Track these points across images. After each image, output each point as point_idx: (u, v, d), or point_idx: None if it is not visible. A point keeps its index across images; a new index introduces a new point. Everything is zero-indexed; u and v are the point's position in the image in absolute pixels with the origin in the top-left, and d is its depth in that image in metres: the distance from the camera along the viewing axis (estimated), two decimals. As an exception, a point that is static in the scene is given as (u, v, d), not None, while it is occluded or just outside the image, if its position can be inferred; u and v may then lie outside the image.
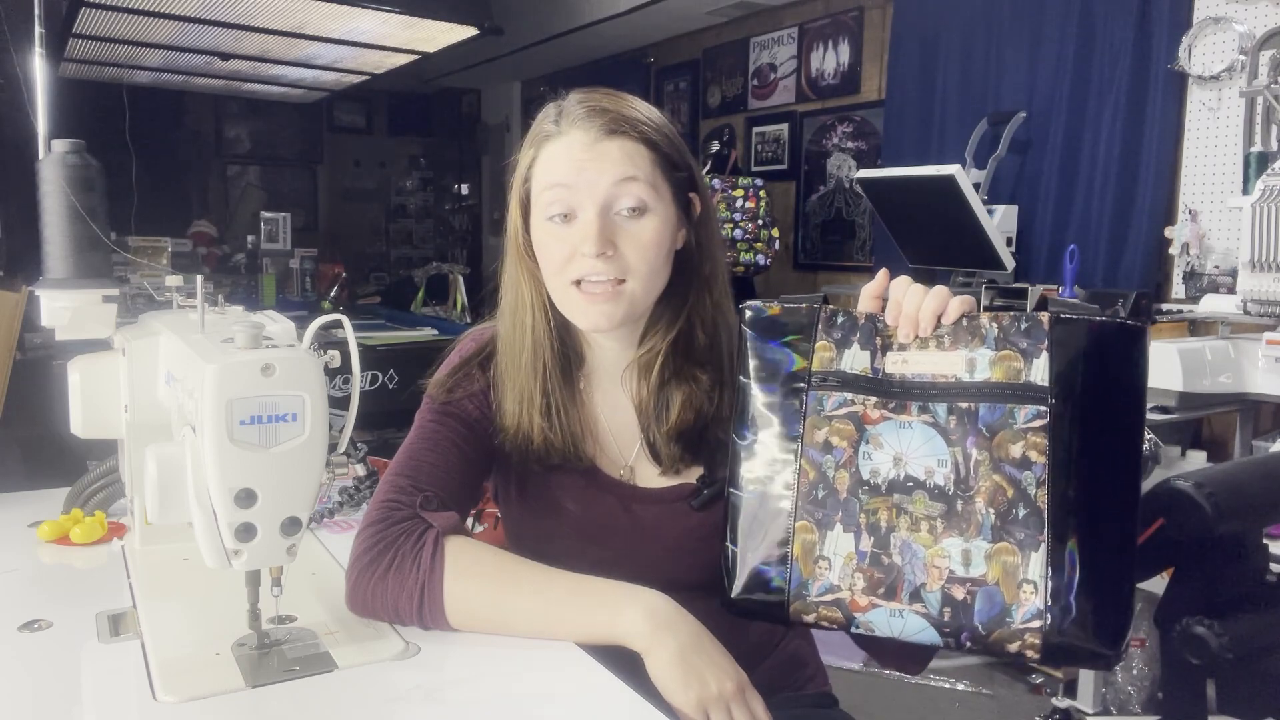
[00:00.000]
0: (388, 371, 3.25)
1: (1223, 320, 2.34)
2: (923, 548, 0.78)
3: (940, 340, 0.81)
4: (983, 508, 0.76)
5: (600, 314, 0.98)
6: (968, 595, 0.76)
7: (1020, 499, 0.75)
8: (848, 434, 0.82)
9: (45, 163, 1.11)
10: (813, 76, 4.09)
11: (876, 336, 0.84)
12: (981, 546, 0.76)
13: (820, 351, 0.85)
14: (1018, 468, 0.76)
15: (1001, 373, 0.78)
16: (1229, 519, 0.98)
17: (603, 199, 0.96)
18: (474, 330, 1.13)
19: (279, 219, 4.77)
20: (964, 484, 0.77)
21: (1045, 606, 0.74)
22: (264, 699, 0.80)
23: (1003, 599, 0.75)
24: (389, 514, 0.94)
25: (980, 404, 0.78)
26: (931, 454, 0.79)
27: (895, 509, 0.79)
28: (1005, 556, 0.75)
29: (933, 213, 2.98)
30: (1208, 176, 2.69)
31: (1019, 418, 0.77)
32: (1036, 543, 0.75)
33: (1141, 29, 2.80)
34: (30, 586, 1.06)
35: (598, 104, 0.99)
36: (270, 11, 3.24)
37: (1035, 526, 0.75)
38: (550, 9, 4.57)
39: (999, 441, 0.77)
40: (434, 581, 0.90)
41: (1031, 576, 0.74)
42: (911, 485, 0.79)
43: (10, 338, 2.38)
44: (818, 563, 0.82)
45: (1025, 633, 0.74)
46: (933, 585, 0.77)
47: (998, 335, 0.79)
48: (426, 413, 1.05)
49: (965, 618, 0.76)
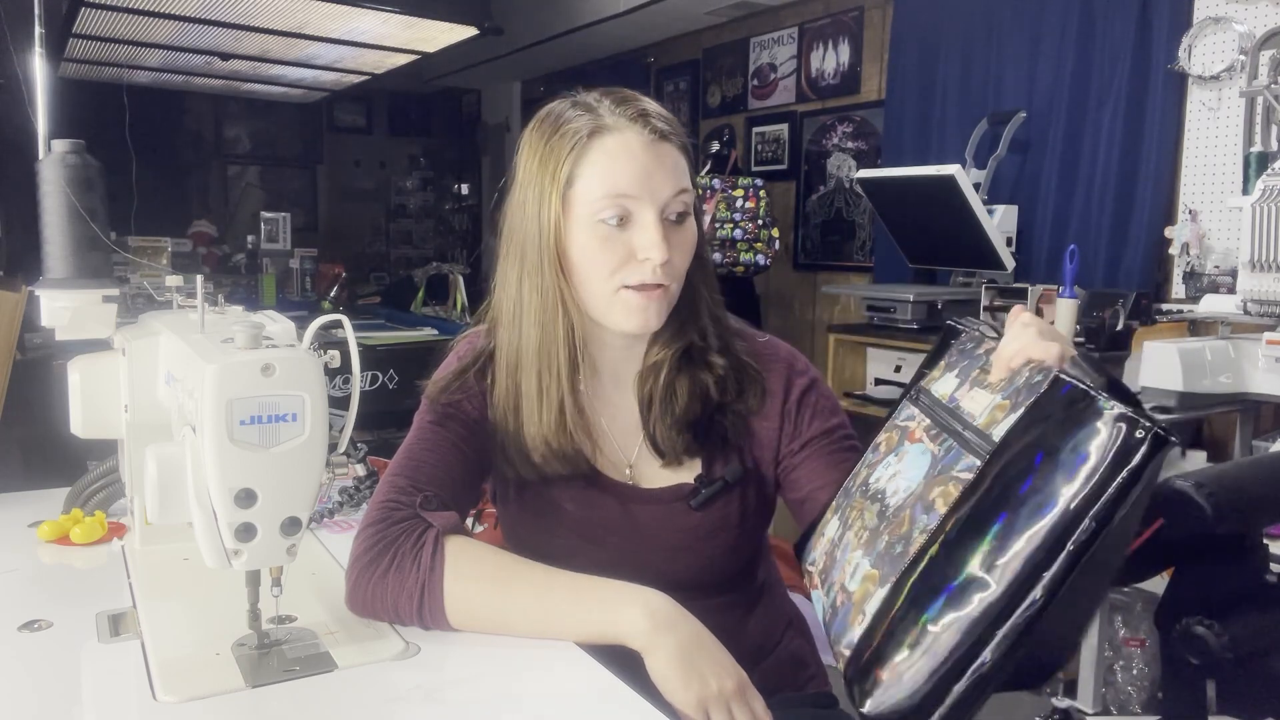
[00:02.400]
0: (388, 371, 3.25)
1: (1223, 320, 2.34)
2: (849, 550, 0.81)
3: (1003, 384, 0.76)
4: (886, 534, 0.75)
5: (654, 314, 0.98)
6: (841, 603, 0.78)
7: (905, 539, 0.72)
8: (892, 443, 0.86)
9: (45, 163, 1.11)
10: (813, 76, 4.09)
11: (978, 370, 0.81)
12: (864, 566, 0.76)
13: (935, 370, 0.88)
14: (923, 510, 0.72)
15: (986, 421, 0.73)
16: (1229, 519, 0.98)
17: (662, 206, 0.96)
18: (471, 332, 1.12)
19: (279, 219, 4.76)
20: (896, 512, 0.76)
21: (855, 641, 0.72)
22: (264, 699, 0.80)
23: (849, 618, 0.75)
24: (389, 514, 0.94)
25: (956, 446, 0.74)
26: (908, 480, 0.77)
27: (858, 512, 0.83)
28: (869, 584, 0.74)
29: (933, 213, 2.98)
30: (1208, 176, 2.69)
31: (958, 465, 0.72)
32: (888, 582, 0.71)
33: (1141, 29, 2.80)
34: (30, 586, 1.06)
35: (644, 108, 0.97)
36: (270, 11, 3.24)
37: (896, 567, 0.71)
38: (550, 9, 4.57)
39: (931, 483, 0.73)
40: (434, 581, 0.90)
41: (867, 609, 0.72)
42: (879, 498, 0.81)
43: (10, 338, 2.38)
44: (819, 536, 0.90)
45: (843, 657, 0.74)
46: (835, 584, 0.81)
47: (1019, 385, 0.73)
48: (425, 413, 1.05)
49: (834, 620, 0.79)
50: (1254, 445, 2.36)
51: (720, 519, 1.04)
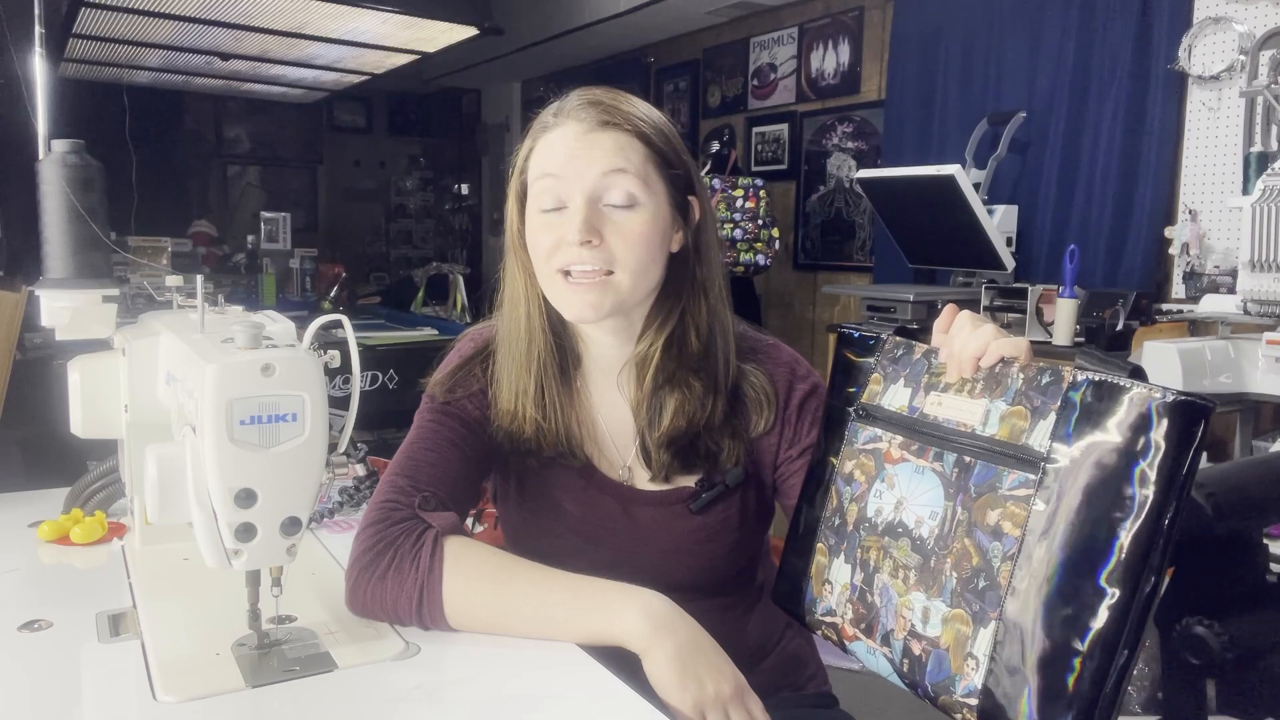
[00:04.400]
0: (388, 371, 3.25)
1: (1223, 320, 2.34)
2: (896, 595, 0.77)
3: (974, 386, 0.76)
4: (949, 569, 0.73)
5: (585, 304, 0.97)
6: (923, 653, 0.74)
7: (983, 569, 0.70)
8: (868, 470, 0.83)
9: (45, 163, 1.11)
10: (813, 76, 4.09)
11: (926, 374, 0.81)
12: (940, 608, 0.73)
13: (872, 385, 0.86)
14: (989, 536, 0.70)
15: (1006, 431, 0.72)
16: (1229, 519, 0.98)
17: (591, 189, 0.96)
18: (472, 330, 1.13)
19: (279, 219, 4.76)
20: (943, 541, 0.74)
21: (979, 688, 0.70)
22: (264, 699, 0.80)
23: (949, 666, 0.72)
24: (388, 514, 0.94)
25: (979, 460, 0.73)
26: (928, 504, 0.76)
27: (883, 551, 0.79)
28: (959, 624, 0.72)
29: (933, 213, 2.98)
30: (1208, 176, 2.69)
31: (1005, 482, 0.71)
32: (988, 619, 0.69)
33: (1141, 29, 2.80)
34: (30, 586, 1.06)
35: (595, 98, 1.00)
36: (270, 11, 3.24)
37: (991, 602, 0.69)
38: (550, 9, 4.57)
39: (980, 505, 0.72)
40: (433, 582, 0.90)
41: (976, 652, 0.70)
42: (901, 531, 0.78)
43: (10, 338, 2.38)
44: (824, 585, 0.85)
45: (964, 707, 0.71)
46: (899, 633, 0.77)
47: (1020, 388, 0.73)
48: (425, 413, 1.05)
49: (919, 674, 0.75)
50: (1254, 445, 2.36)
51: (720, 522, 1.04)
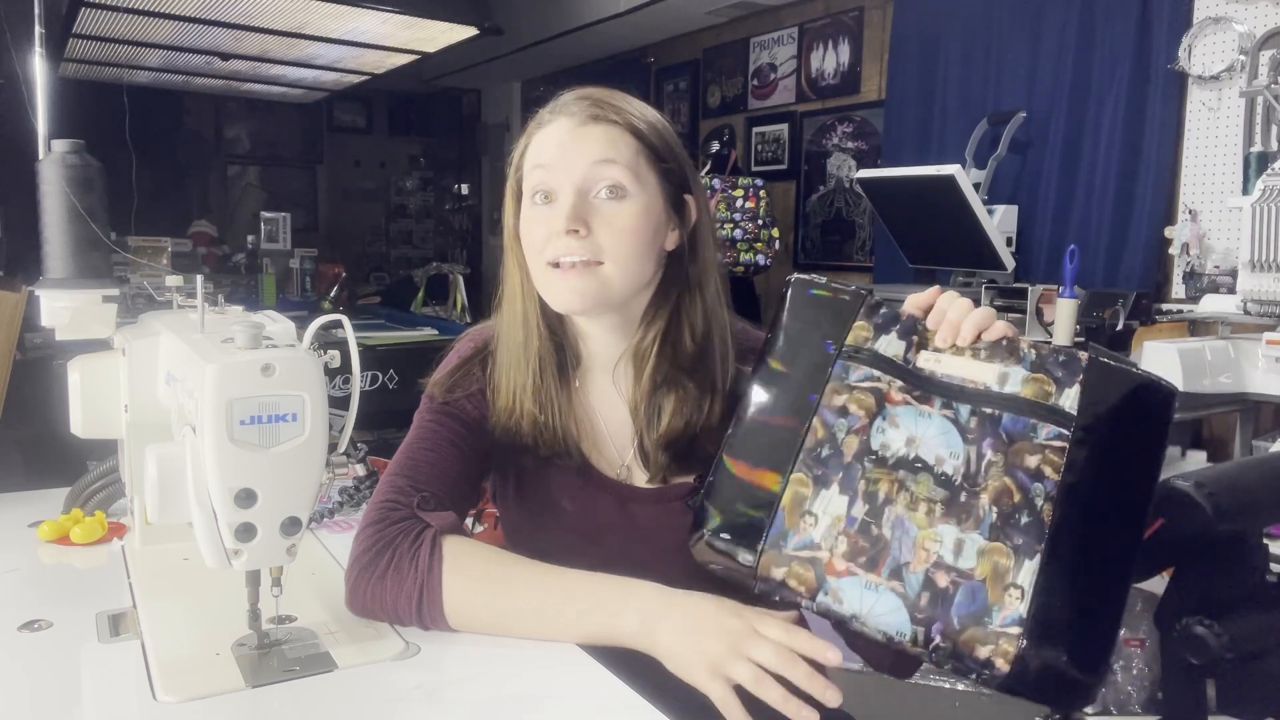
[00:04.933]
0: (388, 371, 3.25)
1: (1223, 320, 2.34)
2: (916, 528, 0.76)
3: (976, 352, 0.82)
4: (987, 504, 0.76)
5: (571, 291, 0.97)
6: (951, 585, 0.74)
7: (1026, 506, 0.76)
8: (867, 405, 0.82)
9: (45, 163, 1.11)
10: (813, 76, 4.09)
11: (914, 334, 0.85)
12: (977, 540, 0.75)
13: (857, 330, 0.85)
14: (1030, 477, 0.76)
15: (1032, 391, 0.79)
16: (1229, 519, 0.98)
17: (580, 180, 0.96)
18: (472, 330, 1.13)
19: (279, 219, 4.76)
20: (972, 479, 0.77)
21: (1028, 615, 0.72)
22: (264, 699, 0.80)
23: (986, 596, 0.73)
24: (387, 514, 0.94)
25: (1005, 412, 0.79)
26: (945, 446, 0.79)
27: (897, 484, 0.78)
28: (998, 557, 0.74)
29: (933, 213, 2.98)
30: (1208, 176, 2.69)
31: (1040, 433, 0.78)
32: (1033, 551, 0.74)
33: (1141, 29, 2.80)
34: (30, 586, 1.06)
35: (588, 94, 1.01)
36: (270, 11, 3.24)
37: (1035, 536, 0.74)
38: (550, 9, 4.57)
39: (1017, 449, 0.78)
40: (433, 581, 0.90)
41: (1020, 582, 0.73)
42: (920, 467, 0.79)
43: (10, 338, 2.38)
44: (804, 517, 0.80)
45: (1002, 637, 0.72)
46: (917, 566, 0.76)
47: (1035, 360, 0.81)
48: (425, 413, 1.05)
49: (943, 608, 0.74)
50: (1254, 445, 2.36)
51: None
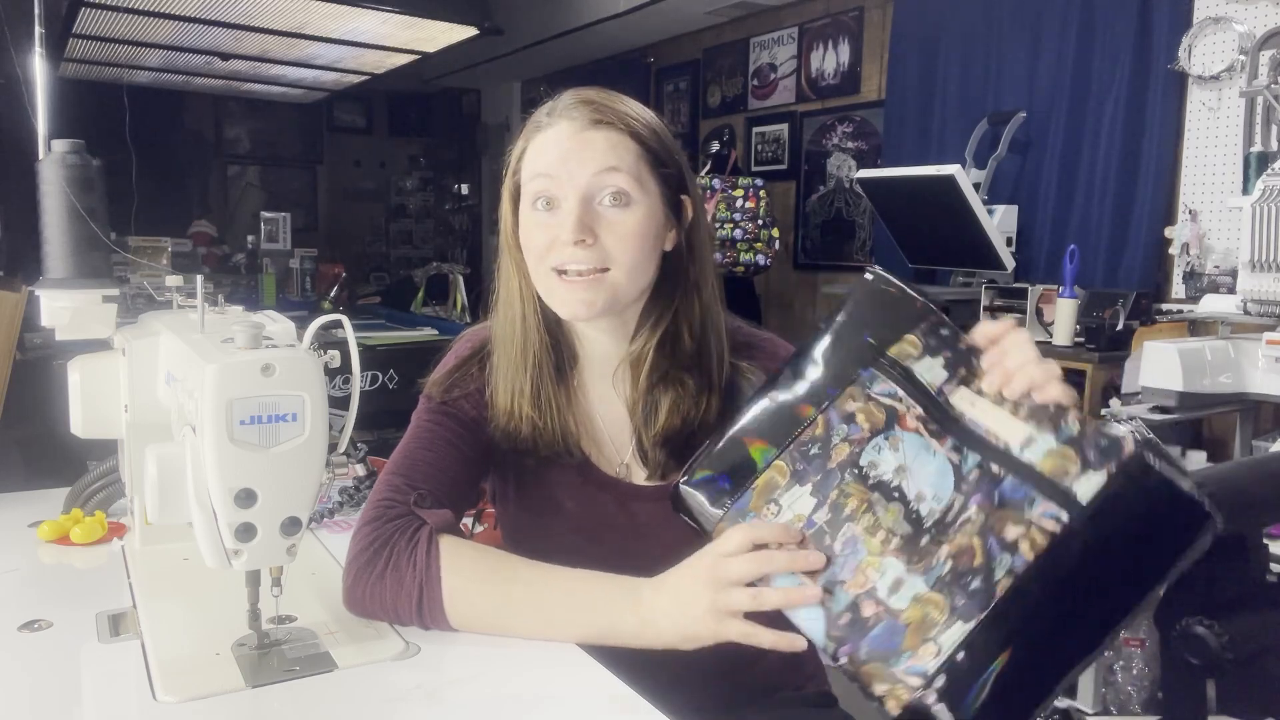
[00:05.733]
0: (388, 371, 3.25)
1: (1223, 320, 2.34)
2: (866, 552, 0.76)
3: (1017, 408, 0.77)
4: (944, 556, 0.74)
5: (579, 301, 0.97)
6: (874, 616, 0.74)
7: (982, 572, 0.72)
8: (874, 421, 0.80)
9: (45, 163, 1.11)
10: (813, 76, 4.09)
11: (963, 367, 0.80)
12: (917, 585, 0.74)
13: (905, 343, 0.82)
14: (1001, 547, 0.73)
15: (1050, 466, 0.74)
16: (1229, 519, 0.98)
17: (584, 188, 0.96)
18: (469, 331, 1.13)
19: (279, 219, 4.76)
20: (941, 527, 0.75)
21: (933, 675, 0.71)
22: (264, 699, 0.80)
23: (902, 641, 0.72)
24: (383, 512, 0.94)
25: (1011, 476, 0.75)
26: (934, 487, 0.76)
27: (866, 505, 0.77)
28: (932, 609, 0.72)
29: (933, 213, 2.98)
30: (1208, 176, 2.69)
31: (1034, 509, 0.73)
32: (970, 618, 0.71)
33: (1141, 29, 2.80)
34: (30, 586, 1.06)
35: (587, 97, 1.00)
36: (270, 11, 3.24)
37: (978, 604, 0.72)
38: (550, 9, 4.57)
39: (1001, 516, 0.74)
40: (431, 581, 0.90)
41: (941, 641, 0.71)
42: (895, 497, 0.77)
43: (10, 338, 2.38)
44: (769, 504, 0.80)
45: (900, 683, 0.71)
46: (850, 588, 0.75)
47: (1073, 435, 0.74)
48: (423, 413, 1.05)
49: (857, 634, 0.74)
50: (1254, 445, 2.36)
51: None
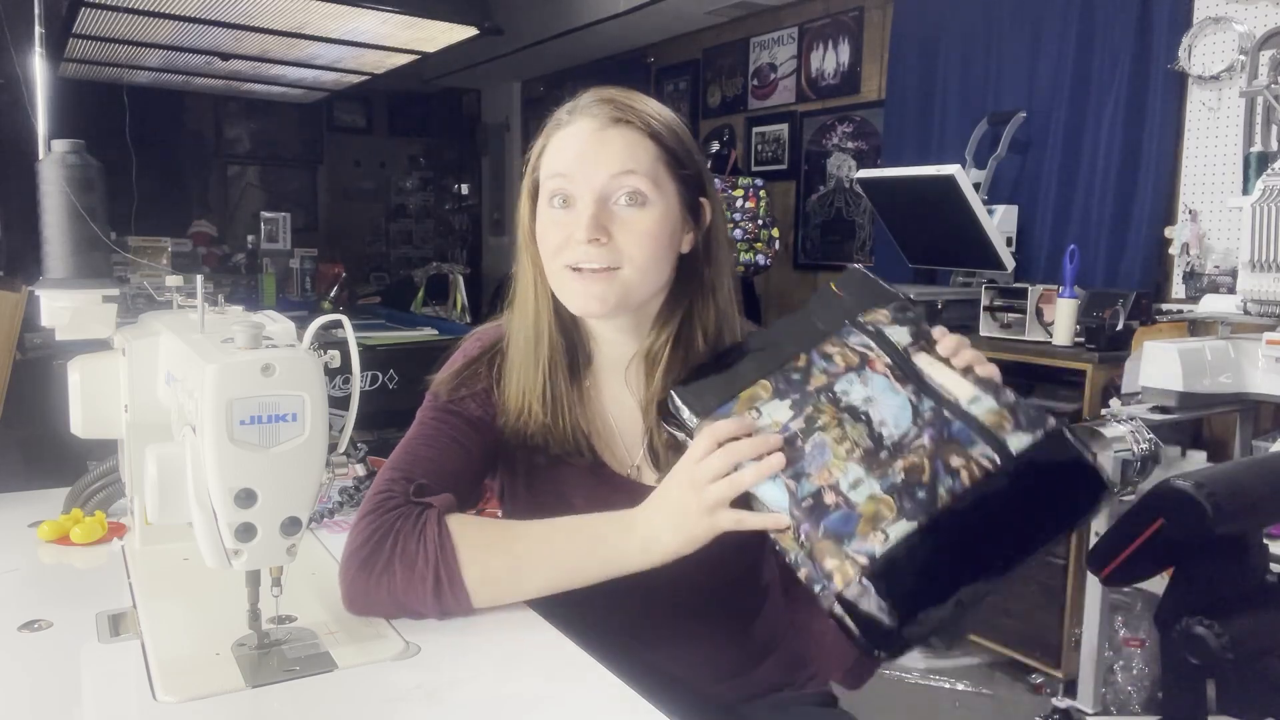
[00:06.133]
0: (388, 371, 3.25)
1: (1223, 320, 2.34)
2: (832, 456, 0.87)
3: (965, 373, 0.91)
4: (899, 469, 0.85)
5: (591, 296, 0.98)
6: (833, 504, 0.84)
7: (929, 486, 0.84)
8: (850, 360, 0.93)
9: (45, 163, 1.11)
10: (813, 76, 4.09)
11: (923, 340, 0.94)
12: (873, 487, 0.85)
13: (878, 314, 0.96)
14: (945, 471, 0.85)
15: (991, 420, 0.87)
16: (1229, 519, 0.98)
17: (600, 189, 0.97)
18: (479, 330, 1.13)
19: (279, 219, 4.76)
20: (898, 448, 0.86)
21: (880, 555, 0.81)
22: (264, 699, 0.80)
23: (856, 526, 0.83)
24: (382, 503, 0.94)
25: (958, 422, 0.87)
26: (894, 417, 0.88)
27: (836, 421, 0.89)
28: (883, 507, 0.83)
29: (933, 213, 2.98)
30: (1208, 176, 2.69)
31: (975, 448, 0.86)
32: (914, 517, 0.82)
33: (1141, 29, 2.80)
34: (30, 586, 1.06)
35: (608, 96, 1.01)
36: (270, 11, 3.24)
37: (921, 509, 0.83)
38: (550, 9, 4.57)
39: (948, 448, 0.86)
40: (448, 557, 0.90)
41: (889, 532, 0.82)
42: (863, 419, 0.89)
43: (10, 338, 2.38)
44: (750, 410, 0.92)
45: (849, 560, 0.82)
46: (815, 480, 0.86)
47: (1010, 402, 0.88)
48: (428, 410, 1.05)
49: (817, 516, 0.84)
50: (1254, 445, 2.36)
51: None
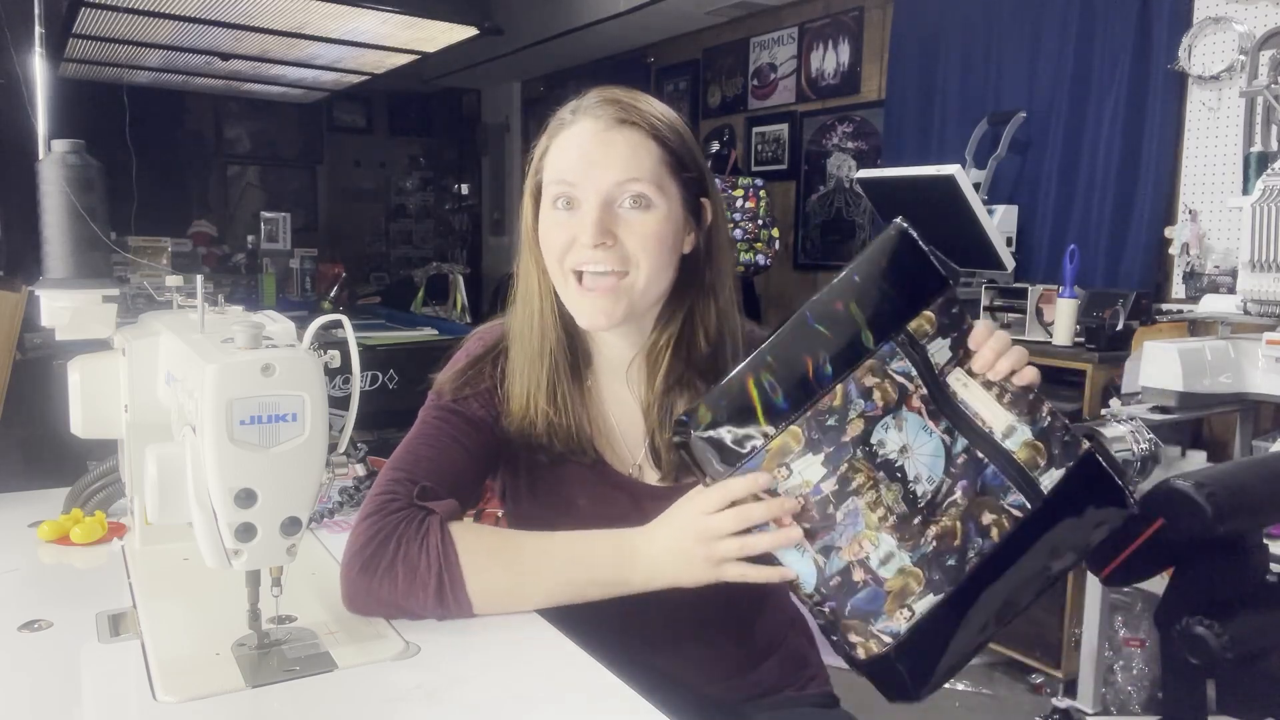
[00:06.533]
0: (388, 371, 3.25)
1: (1223, 320, 2.34)
2: (865, 525, 0.82)
3: (1002, 394, 0.86)
4: (931, 536, 0.82)
5: (599, 310, 0.98)
6: (863, 582, 0.82)
7: (959, 552, 0.82)
8: (888, 398, 0.85)
9: (45, 163, 1.11)
10: (813, 76, 4.09)
11: (961, 348, 0.88)
12: (904, 560, 0.82)
13: (923, 322, 0.87)
14: (977, 532, 0.83)
15: (1025, 456, 0.84)
16: (1229, 519, 0.98)
17: (604, 193, 0.97)
18: (481, 330, 1.12)
19: (279, 219, 4.76)
20: (932, 508, 0.83)
21: (904, 633, 0.81)
22: (264, 699, 0.80)
23: (883, 605, 0.81)
24: (385, 504, 0.94)
25: (993, 466, 0.84)
26: (929, 468, 0.84)
27: (872, 482, 0.83)
28: (911, 580, 0.81)
29: (933, 213, 2.98)
30: (1208, 176, 2.69)
31: (1007, 497, 0.83)
32: (940, 590, 0.81)
33: (1141, 29, 2.80)
34: (30, 586, 1.06)
35: (612, 96, 1.00)
36: (270, 11, 3.24)
37: (950, 579, 0.82)
38: (550, 9, 4.57)
39: (981, 503, 0.83)
40: (450, 563, 0.90)
41: (915, 608, 0.81)
42: (899, 477, 0.83)
43: (10, 338, 2.38)
44: (781, 468, 0.84)
45: (874, 638, 0.81)
46: (845, 555, 0.82)
47: (1044, 428, 0.85)
48: (430, 409, 1.05)
49: (844, 595, 0.82)
50: (1254, 445, 2.36)
51: None
